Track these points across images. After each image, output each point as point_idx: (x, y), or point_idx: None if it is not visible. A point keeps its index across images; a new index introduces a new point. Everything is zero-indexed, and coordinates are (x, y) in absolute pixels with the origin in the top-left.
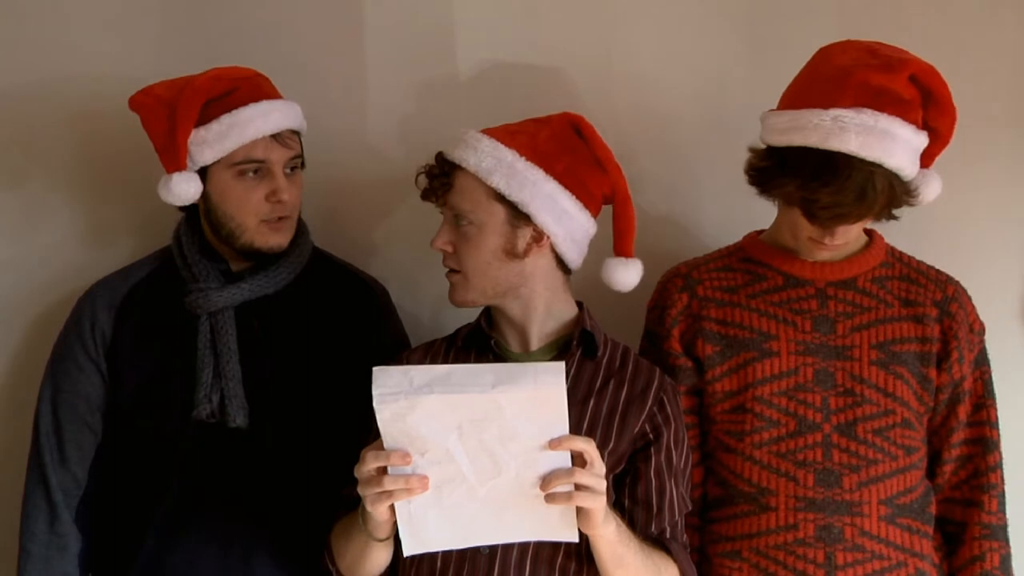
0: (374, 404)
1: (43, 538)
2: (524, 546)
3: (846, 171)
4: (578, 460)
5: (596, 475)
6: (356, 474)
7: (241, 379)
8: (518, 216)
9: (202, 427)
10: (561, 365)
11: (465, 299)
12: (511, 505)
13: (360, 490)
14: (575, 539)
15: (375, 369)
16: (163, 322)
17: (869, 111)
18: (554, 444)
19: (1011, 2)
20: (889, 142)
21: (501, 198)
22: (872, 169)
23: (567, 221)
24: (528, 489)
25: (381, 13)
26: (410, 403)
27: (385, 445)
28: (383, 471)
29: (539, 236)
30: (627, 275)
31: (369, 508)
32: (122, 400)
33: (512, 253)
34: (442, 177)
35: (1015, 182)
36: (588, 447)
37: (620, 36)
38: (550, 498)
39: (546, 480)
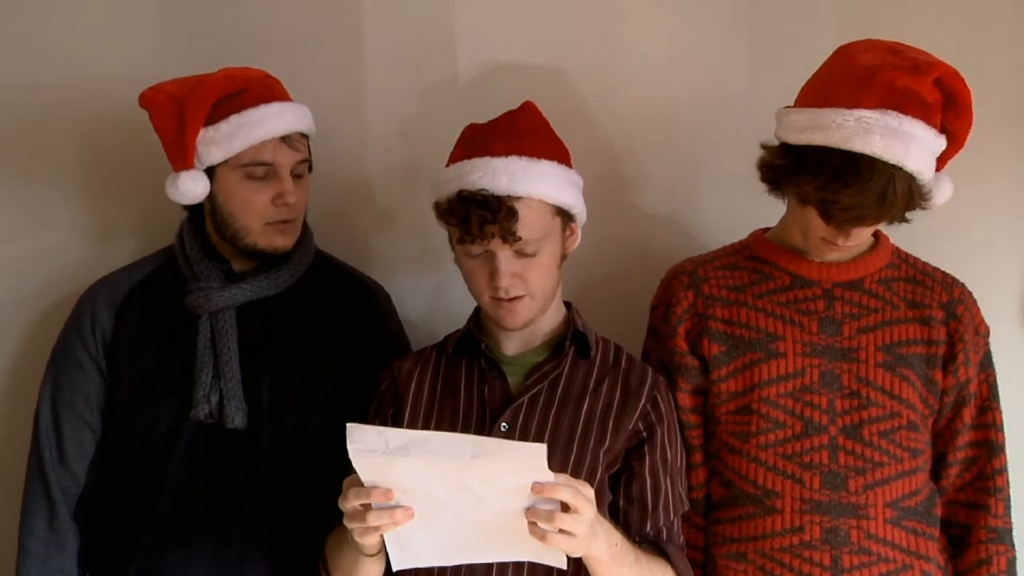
0: (351, 457)
1: (42, 535)
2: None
3: (868, 173)
4: (564, 505)
5: (581, 522)
6: (340, 507)
7: (240, 380)
8: (566, 220)
9: (200, 427)
10: (543, 448)
11: (531, 318)
12: (497, 530)
13: (346, 523)
14: (563, 565)
15: (349, 425)
16: (164, 321)
17: (894, 113)
18: (537, 489)
19: (1011, 2)
20: (911, 145)
21: (558, 210)
22: (893, 172)
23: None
24: (513, 518)
25: (381, 14)
26: (387, 461)
27: (365, 484)
28: (367, 506)
29: (572, 230)
30: None
31: (357, 539)
32: (120, 398)
33: (563, 257)
34: (510, 217)
35: (1016, 183)
36: (574, 499)
37: (621, 37)
38: (531, 527)
39: (529, 512)
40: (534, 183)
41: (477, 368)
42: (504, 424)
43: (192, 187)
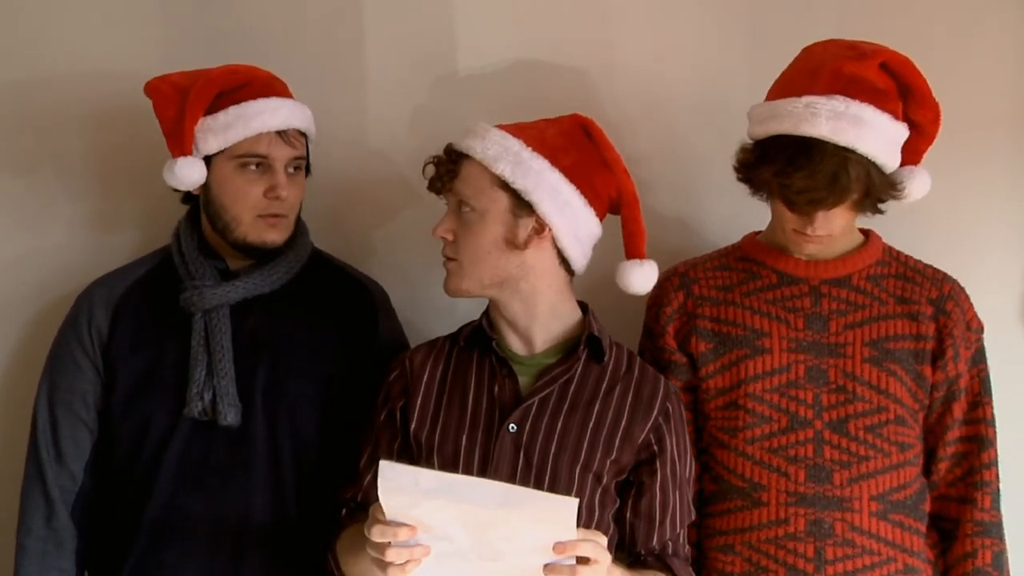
0: (379, 494)
1: (40, 534)
2: None
3: (818, 155)
4: (582, 558)
5: (599, 572)
6: (366, 534)
7: (234, 377)
8: (521, 205)
9: (194, 425)
10: (575, 503)
11: (460, 287)
12: None
13: (368, 549)
14: None
15: (382, 463)
16: (159, 319)
17: (841, 97)
18: (559, 549)
19: (1011, 2)
20: (862, 128)
21: (505, 186)
22: (845, 154)
23: (570, 214)
24: (529, 573)
25: (381, 12)
26: (415, 501)
27: (388, 518)
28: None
29: (540, 227)
30: (643, 277)
31: (376, 568)
32: (117, 397)
33: (512, 243)
34: (448, 165)
35: (1015, 182)
36: (595, 553)
37: (625, 38)
38: None
39: (548, 568)
40: (478, 144)
41: (488, 364)
42: (513, 425)
43: (188, 173)
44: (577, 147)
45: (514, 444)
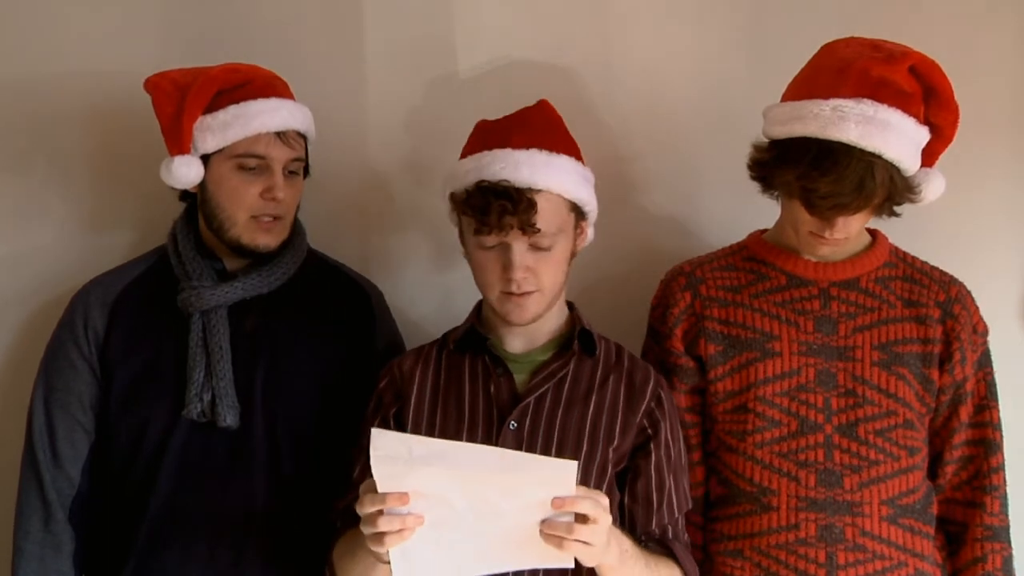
0: (371, 463)
1: (37, 536)
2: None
3: (845, 160)
4: (580, 517)
5: (599, 532)
6: (357, 511)
7: (232, 379)
8: (579, 216)
9: (193, 426)
10: (575, 465)
11: (539, 314)
12: (508, 540)
13: (362, 527)
14: (571, 565)
15: (373, 431)
16: (156, 320)
17: (869, 101)
18: (557, 504)
19: (1011, 2)
20: (889, 133)
21: (573, 205)
22: (871, 160)
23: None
24: (527, 529)
25: (381, 13)
26: (408, 468)
27: (380, 489)
28: (381, 511)
29: (582, 228)
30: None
31: (371, 547)
32: (113, 398)
33: (573, 253)
34: (524, 207)
35: (1016, 182)
36: (594, 511)
37: (623, 37)
38: (546, 536)
39: (545, 525)
40: (553, 176)
41: (481, 365)
42: (513, 423)
43: (185, 171)
44: (568, 133)
45: (516, 441)
